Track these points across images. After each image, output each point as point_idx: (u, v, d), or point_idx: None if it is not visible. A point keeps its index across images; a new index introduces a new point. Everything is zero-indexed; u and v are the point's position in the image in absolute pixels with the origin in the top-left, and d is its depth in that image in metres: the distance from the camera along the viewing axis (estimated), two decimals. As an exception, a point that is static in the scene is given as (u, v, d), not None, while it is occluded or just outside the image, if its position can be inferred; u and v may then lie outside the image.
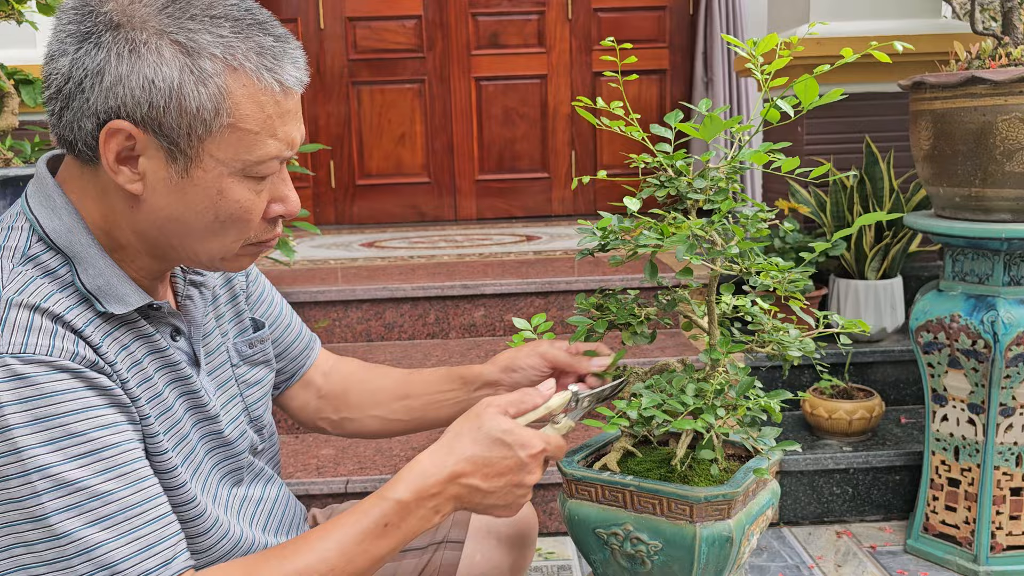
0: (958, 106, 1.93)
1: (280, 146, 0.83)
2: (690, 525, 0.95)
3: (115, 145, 0.79)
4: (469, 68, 4.48)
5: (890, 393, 2.63)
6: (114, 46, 0.77)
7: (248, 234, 0.86)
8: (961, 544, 2.08)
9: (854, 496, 2.37)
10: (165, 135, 0.79)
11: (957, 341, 2.01)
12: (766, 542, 2.28)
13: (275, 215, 0.87)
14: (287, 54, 0.82)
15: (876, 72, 2.69)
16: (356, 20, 4.43)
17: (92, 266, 0.82)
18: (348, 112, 4.49)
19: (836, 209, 2.63)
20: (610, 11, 4.48)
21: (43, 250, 0.82)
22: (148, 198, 0.82)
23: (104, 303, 0.82)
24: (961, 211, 2.01)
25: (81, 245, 0.83)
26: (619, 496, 1.00)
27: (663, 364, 1.09)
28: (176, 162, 0.80)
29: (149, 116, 0.78)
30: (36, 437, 0.74)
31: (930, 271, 2.83)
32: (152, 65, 0.77)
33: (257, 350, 1.07)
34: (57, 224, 0.83)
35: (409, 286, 2.80)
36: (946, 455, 2.11)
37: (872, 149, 2.61)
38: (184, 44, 0.77)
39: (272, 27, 0.82)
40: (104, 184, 0.83)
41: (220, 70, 0.78)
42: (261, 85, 0.80)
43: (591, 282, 2.81)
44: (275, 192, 0.86)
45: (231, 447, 0.98)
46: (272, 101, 0.81)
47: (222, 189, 0.81)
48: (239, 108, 0.79)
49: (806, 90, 0.92)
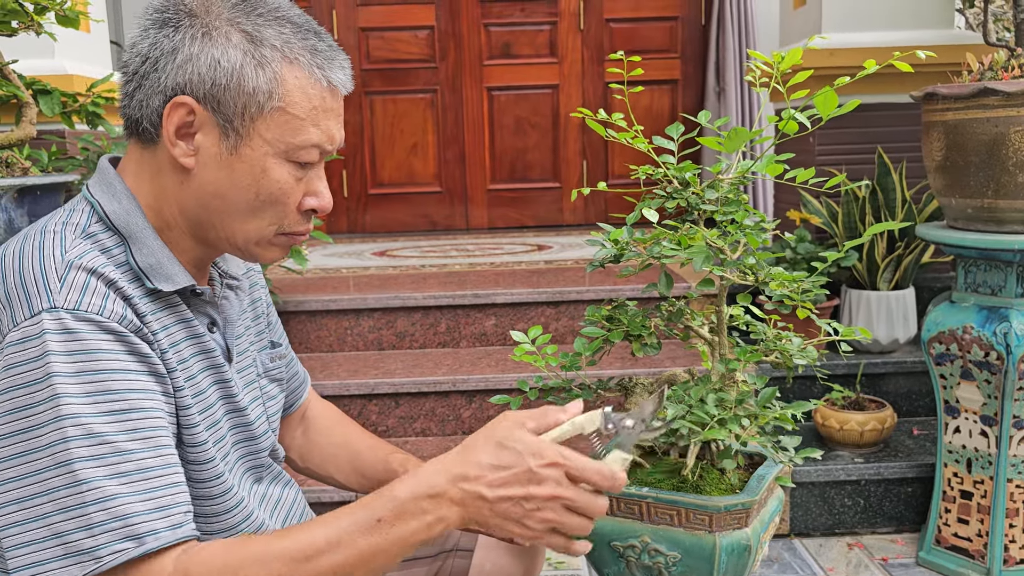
0: (970, 117, 1.93)
1: (321, 136, 0.91)
2: (709, 535, 0.95)
3: (177, 119, 0.88)
4: (481, 78, 4.49)
5: (902, 404, 2.62)
6: (190, 30, 0.88)
7: (283, 221, 0.93)
8: (974, 557, 2.07)
9: (866, 508, 2.36)
10: (222, 112, 0.88)
11: (970, 353, 2.00)
12: (777, 553, 2.27)
13: (309, 207, 0.94)
14: (336, 59, 0.92)
15: (889, 83, 2.69)
16: (369, 30, 4.46)
17: (145, 245, 0.90)
18: (361, 122, 4.51)
19: (848, 220, 2.63)
20: (622, 21, 4.49)
21: (102, 230, 0.90)
22: (199, 173, 0.90)
23: (153, 280, 0.89)
24: (974, 222, 2.01)
25: (137, 226, 0.91)
26: (635, 508, 1.00)
27: (670, 375, 1.09)
28: (228, 139, 0.89)
29: (211, 93, 0.87)
30: (75, 388, 0.80)
31: (943, 282, 2.82)
32: (220, 47, 0.87)
33: (276, 365, 1.12)
34: (116, 207, 0.91)
35: (420, 295, 2.81)
36: (959, 467, 2.10)
37: (884, 160, 2.60)
38: (250, 33, 0.88)
39: (326, 37, 0.93)
40: (160, 162, 0.91)
41: (278, 59, 0.88)
42: (311, 79, 0.89)
43: (602, 292, 2.81)
44: (311, 186, 0.94)
45: (256, 442, 1.02)
46: (319, 95, 0.90)
47: (266, 168, 0.89)
48: (290, 95, 0.88)
49: (826, 102, 0.92)
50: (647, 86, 4.47)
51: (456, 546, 1.18)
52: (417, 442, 2.57)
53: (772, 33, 3.98)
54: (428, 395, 2.59)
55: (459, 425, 2.62)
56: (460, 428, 2.62)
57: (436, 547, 1.18)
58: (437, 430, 2.62)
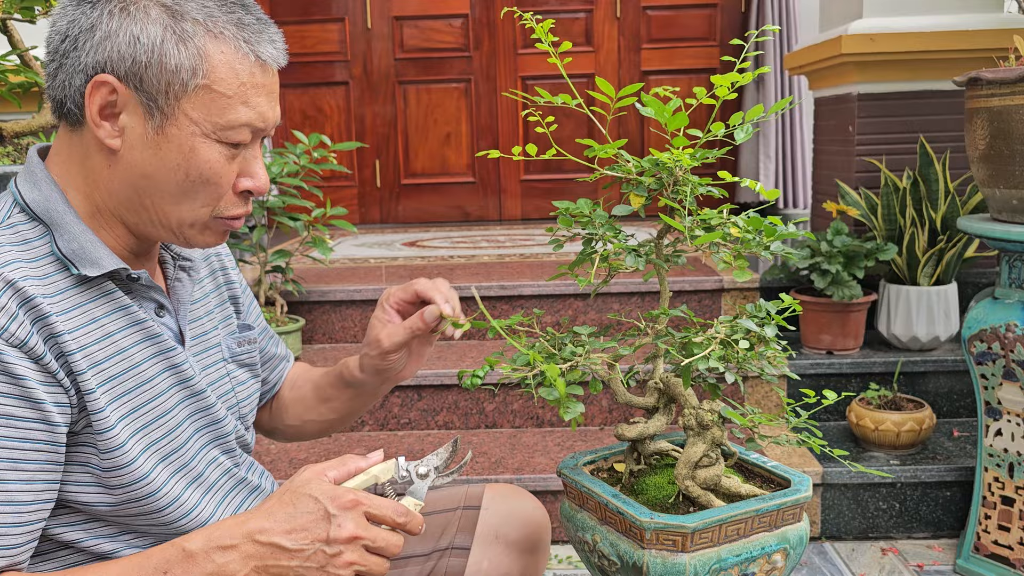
0: (1017, 103, 1.82)
1: (251, 115, 0.87)
2: (640, 550, 0.88)
3: (99, 99, 0.84)
4: (516, 67, 4.44)
5: (942, 405, 2.51)
6: (107, 5, 0.84)
7: (217, 203, 0.90)
8: (1015, 566, 1.97)
9: (901, 512, 2.27)
10: (145, 91, 0.84)
11: (1013, 352, 1.91)
12: (807, 557, 2.19)
13: (244, 189, 0.91)
14: (265, 33, 0.88)
15: (932, 69, 2.58)
16: (403, 19, 4.43)
17: (67, 231, 0.87)
18: (394, 112, 4.49)
19: (887, 212, 2.53)
20: (659, 9, 4.40)
21: (23, 220, 0.87)
22: (125, 154, 0.86)
23: (79, 266, 0.86)
24: (1019, 214, 1.91)
25: (58, 212, 0.87)
26: (589, 502, 0.94)
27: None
28: (153, 118, 0.85)
29: (132, 72, 0.84)
30: None
31: (988, 278, 2.70)
32: (139, 23, 0.83)
33: (246, 350, 1.09)
34: (37, 195, 0.88)
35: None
36: (1000, 472, 2.00)
37: (927, 149, 2.50)
38: (170, 7, 0.84)
39: (255, 10, 0.88)
40: (87, 145, 0.88)
41: (201, 34, 0.84)
42: (238, 54, 0.85)
43: (630, 284, 2.75)
44: (245, 166, 0.90)
45: (219, 426, 0.99)
46: (247, 71, 0.86)
47: (194, 148, 0.86)
48: (215, 71, 0.84)
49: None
50: (684, 75, 4.37)
51: (451, 544, 1.13)
52: (439, 435, 2.54)
53: (812, 19, 3.87)
54: (451, 388, 2.56)
55: (482, 419, 2.58)
56: (483, 422, 2.58)
57: (430, 545, 1.14)
58: (460, 423, 2.58)
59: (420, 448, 2.44)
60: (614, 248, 0.98)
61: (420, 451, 2.42)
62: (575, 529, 0.97)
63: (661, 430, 1.01)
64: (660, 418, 1.01)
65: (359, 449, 2.45)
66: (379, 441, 2.51)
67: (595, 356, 0.94)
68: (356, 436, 2.55)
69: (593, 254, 0.96)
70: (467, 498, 1.19)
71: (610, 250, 0.98)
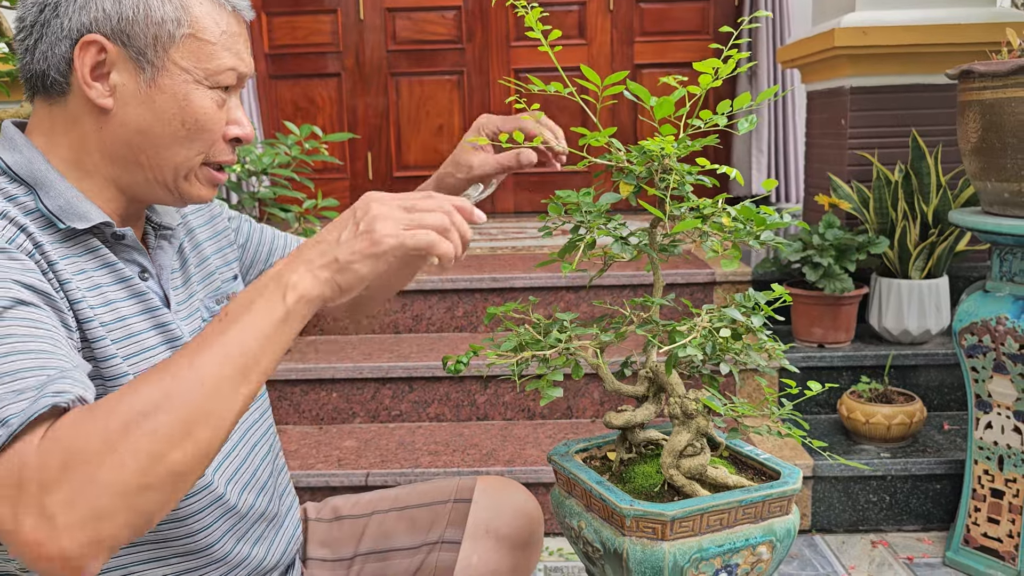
0: (1009, 96, 1.82)
1: (235, 60, 0.91)
2: (621, 537, 0.88)
3: (89, 59, 0.86)
4: (508, 60, 4.42)
5: (933, 398, 2.52)
6: None
7: (210, 149, 0.92)
8: (1004, 559, 1.98)
9: (891, 504, 2.27)
10: (134, 46, 0.86)
11: (1003, 345, 1.91)
12: (797, 549, 2.20)
13: (233, 136, 0.95)
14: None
15: (924, 62, 2.58)
16: (396, 11, 4.41)
17: (53, 188, 0.88)
18: (387, 103, 4.47)
19: (879, 205, 2.53)
20: (652, 1, 4.39)
21: (6, 181, 0.88)
22: (118, 112, 0.88)
23: (66, 220, 0.87)
24: (1010, 207, 1.91)
25: (40, 171, 0.88)
26: (576, 489, 0.94)
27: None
28: (144, 72, 0.87)
29: (119, 28, 0.86)
30: None
31: (980, 271, 2.71)
32: None
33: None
34: (18, 157, 0.89)
35: (437, 278, 2.76)
36: (989, 464, 2.01)
37: (919, 143, 2.50)
38: None
39: None
40: (73, 112, 0.89)
41: None
42: (215, 4, 0.90)
43: (623, 277, 2.75)
44: (232, 115, 0.94)
45: None
46: (225, 20, 0.91)
47: (188, 94, 0.89)
48: (199, 21, 0.88)
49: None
50: (677, 68, 4.36)
51: (441, 538, 1.13)
52: (431, 427, 2.53)
53: (805, 13, 3.86)
54: (442, 380, 2.55)
55: (474, 411, 2.57)
56: (475, 414, 2.58)
57: (419, 539, 1.13)
58: (451, 415, 2.58)
59: (411, 440, 2.44)
60: (600, 235, 0.98)
61: (412, 443, 2.42)
62: (564, 515, 0.97)
63: (650, 419, 1.01)
64: (649, 406, 1.00)
65: (350, 441, 2.44)
66: (370, 433, 2.50)
67: (578, 343, 0.94)
68: (347, 428, 2.54)
69: (579, 241, 0.95)
70: (458, 491, 1.18)
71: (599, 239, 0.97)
